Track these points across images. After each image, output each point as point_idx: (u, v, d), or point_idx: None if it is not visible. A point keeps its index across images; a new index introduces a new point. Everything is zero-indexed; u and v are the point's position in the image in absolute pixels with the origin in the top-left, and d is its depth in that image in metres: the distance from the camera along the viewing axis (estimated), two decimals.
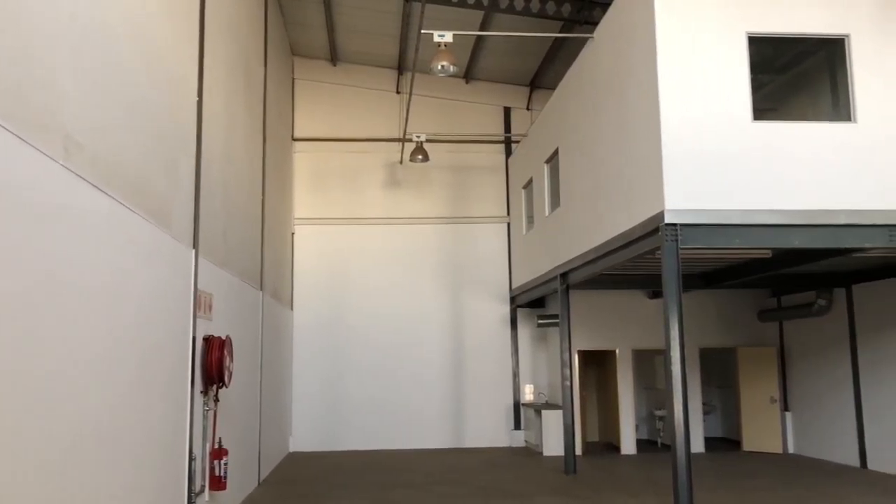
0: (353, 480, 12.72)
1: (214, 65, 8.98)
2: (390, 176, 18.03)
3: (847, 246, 9.11)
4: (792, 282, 14.45)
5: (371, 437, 17.16)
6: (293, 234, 17.62)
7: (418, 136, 16.46)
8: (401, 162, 17.96)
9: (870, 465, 13.08)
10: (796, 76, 11.44)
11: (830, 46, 9.53)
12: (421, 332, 17.61)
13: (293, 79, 17.98)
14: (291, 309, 17.28)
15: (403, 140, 17.15)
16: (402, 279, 17.75)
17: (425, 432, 17.27)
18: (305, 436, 17.04)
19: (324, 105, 18.08)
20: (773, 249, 10.62)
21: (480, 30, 15.37)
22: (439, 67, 11.63)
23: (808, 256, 10.60)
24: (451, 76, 17.49)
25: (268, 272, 13.40)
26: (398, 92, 18.21)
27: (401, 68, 17.91)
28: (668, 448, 16.03)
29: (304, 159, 17.90)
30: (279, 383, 15.01)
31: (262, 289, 12.58)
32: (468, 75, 18.10)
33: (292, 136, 17.75)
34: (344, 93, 18.16)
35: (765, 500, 10.50)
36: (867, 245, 9.10)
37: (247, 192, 11.33)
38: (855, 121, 9.16)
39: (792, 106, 11.49)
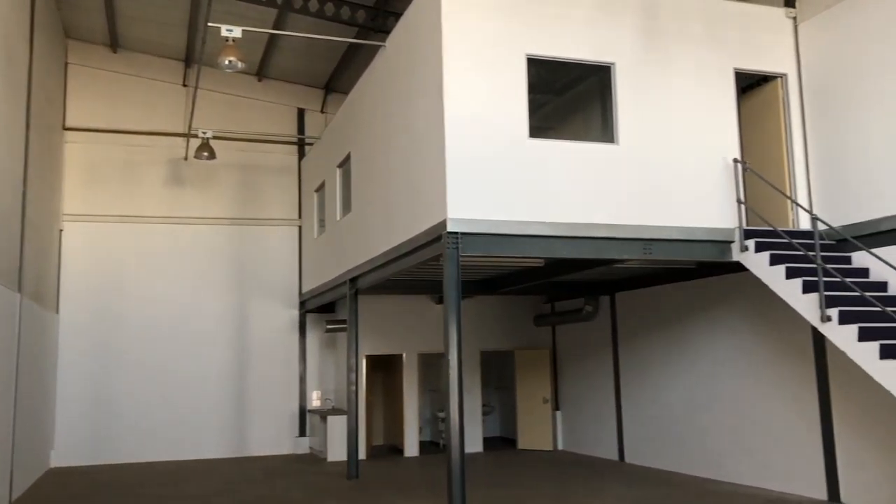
0: (123, 496, 11.91)
1: None
2: (174, 173, 17.16)
3: (608, 257, 9.91)
4: (564, 289, 15.49)
5: (147, 449, 16.18)
6: (61, 231, 16.23)
7: (204, 133, 15.82)
8: (186, 158, 17.15)
9: (627, 459, 14.33)
10: (574, 98, 12.30)
11: (600, 73, 10.33)
12: (204, 338, 16.89)
13: (66, 63, 16.59)
14: (57, 312, 15.89)
15: (189, 136, 16.38)
16: (185, 282, 16.94)
17: (207, 441, 16.57)
18: (71, 449, 15.72)
19: (101, 94, 16.85)
20: (544, 259, 11.31)
21: (274, 28, 15.06)
22: (227, 63, 11.26)
23: (576, 266, 11.40)
24: (241, 73, 16.97)
25: (28, 272, 12.23)
26: (185, 85, 17.39)
27: (188, 60, 17.12)
28: None
29: (76, 151, 16.57)
30: (39, 392, 13.74)
31: (20, 290, 11.46)
32: (261, 73, 17.67)
33: (63, 125, 16.37)
34: (125, 82, 17.04)
35: (533, 494, 11.15)
36: (625, 256, 9.94)
37: (4, 184, 10.27)
38: (617, 142, 9.99)
39: (569, 125, 12.32)
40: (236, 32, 11.03)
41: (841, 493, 9.88)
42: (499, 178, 9.41)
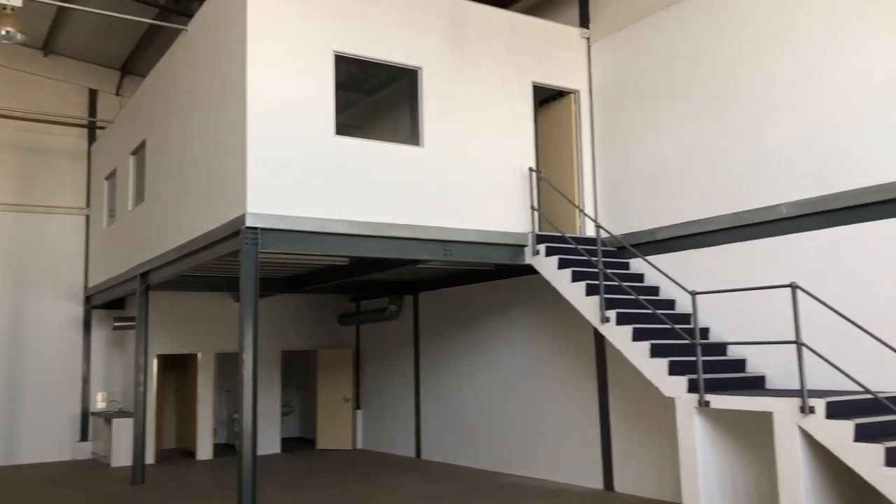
0: None
1: None
2: None
3: (410, 257, 10.06)
4: (369, 288, 15.56)
5: None
6: None
7: None
8: None
9: (423, 456, 14.62)
10: (383, 99, 12.39)
11: (408, 76, 10.47)
12: None
13: None
14: None
15: None
16: None
17: None
18: None
19: None
20: (349, 257, 11.29)
21: (63, 0, 13.87)
22: (3, 33, 10.23)
23: (380, 265, 11.48)
24: (24, 46, 15.50)
25: None
26: None
27: None
28: None
29: None
30: None
31: None
32: (48, 48, 16.22)
33: None
34: None
35: (328, 493, 11.08)
36: (426, 257, 10.14)
37: None
38: (422, 145, 10.17)
39: (379, 125, 12.39)
40: (15, 1, 10.03)
41: (615, 482, 10.68)
42: (303, 175, 9.26)
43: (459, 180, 10.32)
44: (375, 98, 12.64)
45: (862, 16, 8.23)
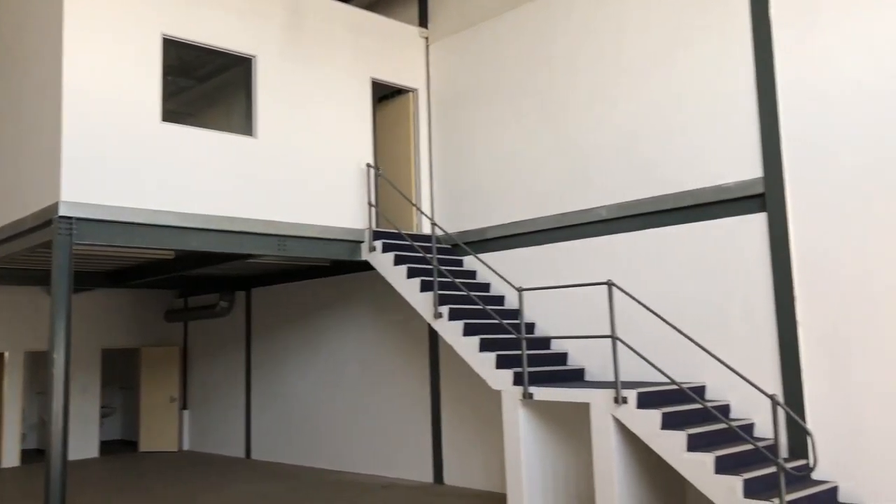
0: None
1: None
2: None
3: (242, 251, 9.75)
4: (199, 283, 14.96)
5: None
6: None
7: None
8: None
9: (253, 456, 14.25)
10: (217, 86, 11.91)
11: (243, 64, 10.14)
12: None
13: None
14: None
15: None
16: None
17: None
18: None
19: None
20: (175, 251, 10.80)
21: None
22: None
23: (210, 259, 11.07)
24: None
25: None
26: None
27: None
28: None
29: None
30: None
31: None
32: None
33: None
34: None
35: (149, 497, 10.55)
36: (260, 252, 9.87)
37: None
38: (256, 136, 9.89)
39: (212, 114, 11.89)
40: None
41: (444, 475, 10.90)
42: (126, 162, 8.73)
43: (295, 174, 10.13)
44: (208, 85, 12.15)
45: (675, 34, 8.87)
